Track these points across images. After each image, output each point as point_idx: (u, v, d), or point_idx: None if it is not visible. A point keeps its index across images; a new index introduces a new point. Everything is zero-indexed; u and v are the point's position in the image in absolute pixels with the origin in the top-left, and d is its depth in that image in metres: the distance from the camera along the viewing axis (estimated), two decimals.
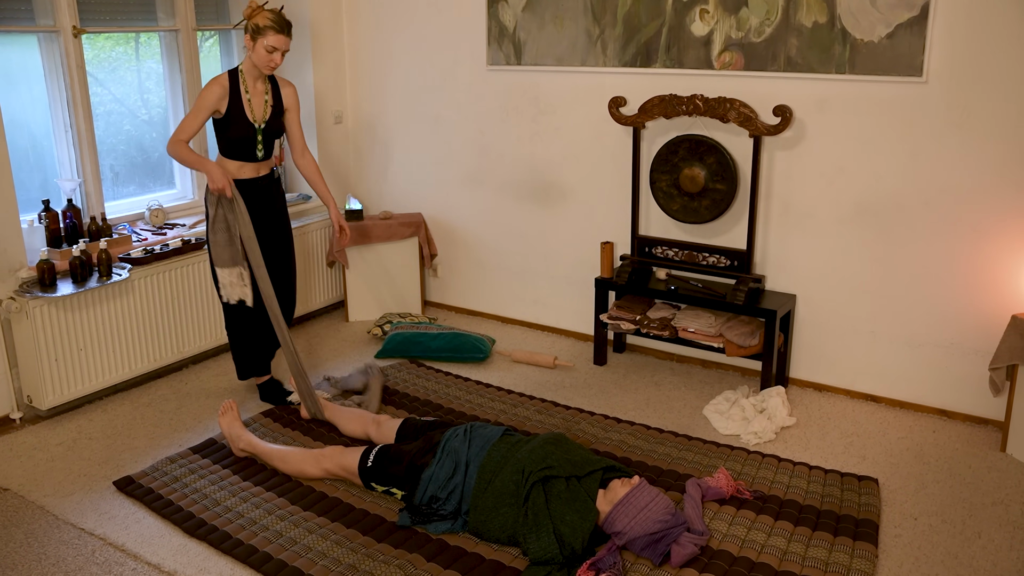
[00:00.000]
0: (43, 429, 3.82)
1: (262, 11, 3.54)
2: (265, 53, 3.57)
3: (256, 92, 3.70)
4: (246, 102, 3.66)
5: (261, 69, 3.63)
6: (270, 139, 3.78)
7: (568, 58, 4.50)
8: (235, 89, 3.64)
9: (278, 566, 2.81)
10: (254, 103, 3.68)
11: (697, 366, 4.53)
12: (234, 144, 3.69)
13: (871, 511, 3.12)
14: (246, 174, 3.75)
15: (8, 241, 3.77)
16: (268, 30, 3.53)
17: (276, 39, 3.55)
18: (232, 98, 3.63)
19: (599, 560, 2.75)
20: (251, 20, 3.55)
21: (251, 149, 3.72)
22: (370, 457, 3.21)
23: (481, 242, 5.15)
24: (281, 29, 3.55)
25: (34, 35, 4.05)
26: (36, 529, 3.07)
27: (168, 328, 4.30)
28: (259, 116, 3.70)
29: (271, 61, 3.59)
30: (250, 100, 3.67)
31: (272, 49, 3.56)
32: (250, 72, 3.67)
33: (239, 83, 3.65)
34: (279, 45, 3.57)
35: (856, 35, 3.72)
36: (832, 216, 4.00)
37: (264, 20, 3.53)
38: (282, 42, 3.57)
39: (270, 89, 3.75)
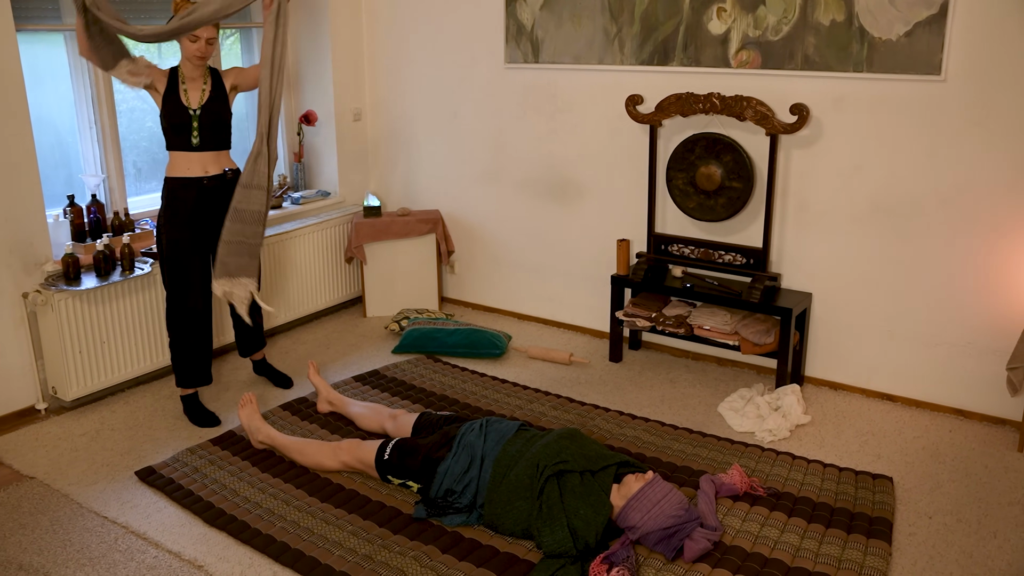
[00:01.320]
0: (67, 420, 3.89)
1: (184, 4, 3.51)
2: (190, 43, 3.53)
3: (194, 83, 3.66)
4: (182, 91, 3.63)
5: (191, 61, 3.60)
6: (209, 127, 3.68)
7: (585, 56, 4.52)
8: (173, 78, 3.64)
9: (295, 556, 2.86)
10: (190, 91, 3.65)
11: (712, 364, 4.54)
12: (170, 131, 3.65)
13: (885, 509, 3.12)
14: (192, 171, 3.67)
15: (34, 235, 3.84)
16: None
17: (200, 28, 3.47)
18: (169, 84, 3.62)
19: (612, 554, 2.77)
20: (176, 14, 3.51)
21: (186, 135, 3.64)
22: (387, 450, 3.25)
23: (498, 239, 5.18)
24: None
25: (60, 34, 4.12)
26: (61, 516, 3.14)
27: None
28: (194, 101, 3.64)
29: (198, 50, 3.55)
30: (186, 89, 3.64)
31: (196, 38, 3.51)
32: (186, 66, 3.64)
33: (178, 75, 3.65)
34: (202, 33, 3.51)
35: (874, 33, 3.72)
36: (849, 215, 4.00)
37: (184, 11, 3.44)
38: (205, 30, 3.51)
39: (210, 79, 3.71)
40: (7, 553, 2.93)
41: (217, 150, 3.73)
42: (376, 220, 5.08)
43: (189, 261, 3.72)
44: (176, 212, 3.68)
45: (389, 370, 4.39)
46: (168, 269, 3.74)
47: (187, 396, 3.91)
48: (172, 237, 3.69)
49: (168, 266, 3.73)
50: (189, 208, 3.69)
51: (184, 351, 3.82)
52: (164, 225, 3.71)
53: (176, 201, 3.68)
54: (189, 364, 3.84)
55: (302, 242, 4.96)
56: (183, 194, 3.68)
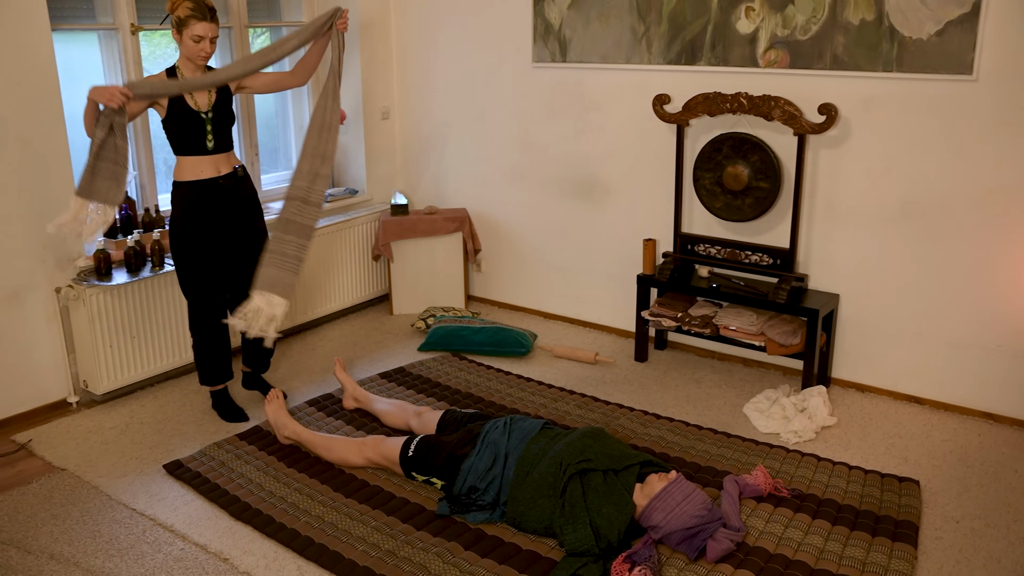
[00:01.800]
0: (98, 413, 3.95)
1: (182, 2, 3.41)
2: (193, 44, 3.44)
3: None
4: (187, 94, 3.53)
5: (194, 61, 3.50)
6: (220, 128, 3.62)
7: (613, 55, 4.52)
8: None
9: (319, 550, 2.88)
10: (195, 93, 3.55)
11: (738, 364, 4.52)
12: (183, 137, 3.55)
13: (911, 512, 3.09)
14: (205, 173, 3.60)
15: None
16: (191, 20, 3.40)
17: (200, 27, 3.42)
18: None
19: (635, 553, 2.77)
20: (174, 14, 3.45)
21: (200, 139, 3.57)
22: (411, 447, 3.27)
23: (524, 238, 5.19)
24: (204, 16, 3.42)
25: (95, 33, 4.19)
26: (91, 508, 3.19)
27: None
28: (203, 104, 3.56)
29: (201, 51, 3.46)
30: (191, 92, 3.54)
31: (198, 38, 3.43)
32: (186, 66, 3.54)
33: (177, 77, 3.53)
34: (205, 33, 3.43)
35: (904, 32, 3.69)
36: (877, 215, 3.97)
37: (185, 11, 3.40)
38: (207, 29, 3.44)
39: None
40: (39, 542, 2.98)
41: (228, 151, 3.69)
42: (403, 218, 5.11)
43: (210, 262, 3.70)
44: (194, 216, 3.61)
45: (415, 367, 4.41)
46: (191, 273, 3.69)
47: (217, 392, 3.95)
48: (192, 241, 3.63)
49: (190, 269, 3.68)
50: (207, 210, 3.63)
51: (209, 350, 3.83)
52: (182, 230, 3.64)
53: (193, 205, 3.60)
54: (214, 362, 3.86)
55: (330, 240, 5.00)
56: (200, 197, 3.61)
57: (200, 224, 3.64)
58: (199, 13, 3.42)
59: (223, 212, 3.69)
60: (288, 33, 3.46)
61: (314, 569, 2.83)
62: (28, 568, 2.84)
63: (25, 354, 3.84)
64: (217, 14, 3.51)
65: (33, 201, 3.77)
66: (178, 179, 3.63)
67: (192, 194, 3.60)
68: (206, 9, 3.44)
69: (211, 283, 3.72)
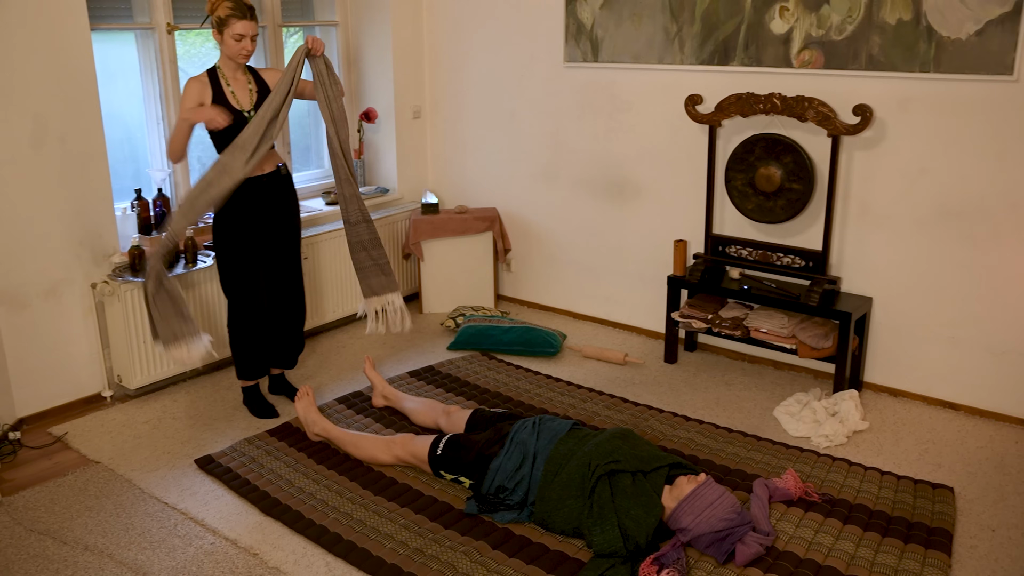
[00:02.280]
0: (131, 407, 4.00)
1: (222, 2, 3.46)
2: (234, 43, 3.49)
3: (238, 82, 3.61)
4: (229, 93, 3.57)
5: (235, 60, 3.54)
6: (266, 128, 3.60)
7: (645, 55, 4.50)
8: (215, 82, 3.57)
9: (348, 547, 2.90)
10: (237, 92, 3.59)
11: (769, 367, 4.48)
12: (227, 135, 3.55)
13: (945, 520, 3.05)
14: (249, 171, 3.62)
15: (103, 228, 3.97)
16: (231, 19, 3.45)
17: (241, 26, 3.46)
18: (214, 90, 3.56)
19: (663, 555, 2.76)
20: (214, 14, 3.49)
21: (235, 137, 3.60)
22: (440, 446, 3.28)
23: (554, 238, 5.19)
24: (243, 15, 3.46)
25: (132, 32, 4.25)
26: (124, 501, 3.23)
27: None
28: (245, 103, 3.60)
29: (242, 49, 3.50)
30: (233, 92, 3.59)
31: (240, 37, 3.47)
32: (227, 66, 3.58)
33: (219, 77, 3.57)
34: (245, 31, 3.47)
35: (943, 32, 3.63)
36: (912, 218, 3.92)
37: (225, 10, 3.44)
38: (247, 27, 3.48)
39: (252, 79, 3.66)
40: (74, 534, 3.03)
41: (270, 149, 3.71)
42: (434, 217, 5.12)
43: (251, 260, 3.73)
44: (236, 213, 3.65)
45: (444, 366, 4.42)
46: (233, 271, 3.73)
47: (248, 387, 3.99)
48: (237, 239, 3.67)
49: (233, 268, 3.72)
50: (250, 209, 3.67)
51: (247, 346, 3.87)
52: (226, 229, 3.68)
53: (236, 203, 3.64)
54: (252, 358, 3.91)
55: None
56: (243, 195, 3.64)
57: (243, 222, 3.68)
58: (239, 12, 3.46)
59: (265, 210, 3.72)
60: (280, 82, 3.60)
61: (342, 566, 2.85)
62: (64, 558, 2.89)
63: (62, 349, 3.91)
64: (256, 12, 3.55)
65: (71, 198, 3.83)
66: None
67: (236, 192, 3.63)
68: (245, 8, 3.48)
69: (252, 280, 3.76)
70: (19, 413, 3.82)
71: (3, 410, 3.70)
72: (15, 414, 3.80)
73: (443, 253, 5.21)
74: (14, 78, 3.56)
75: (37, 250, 3.76)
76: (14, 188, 3.64)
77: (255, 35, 3.53)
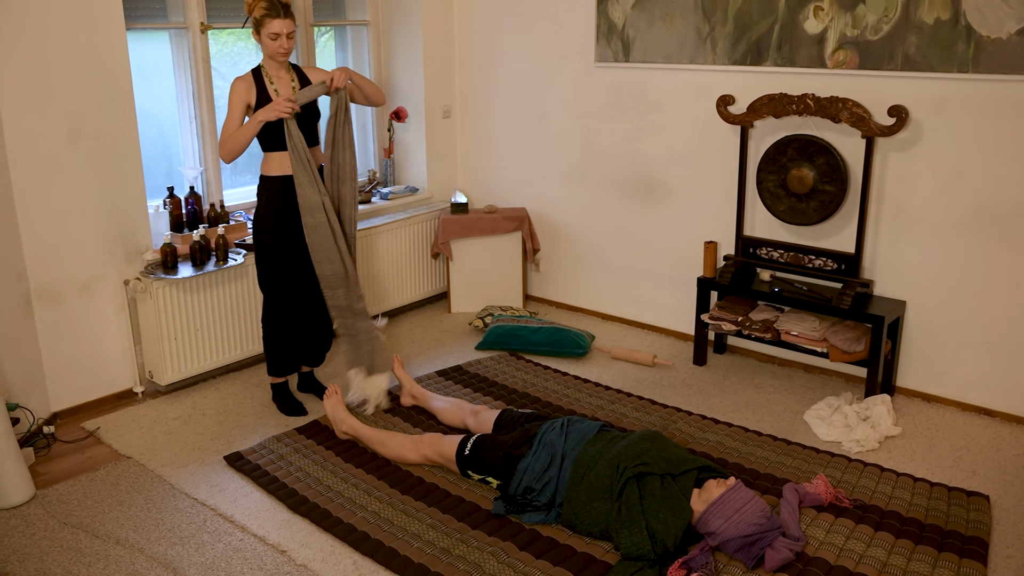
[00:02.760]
0: (162, 403, 4.04)
1: (258, 3, 3.51)
2: (271, 41, 3.54)
3: (281, 80, 3.67)
4: (272, 92, 3.63)
5: (274, 58, 3.60)
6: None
7: (677, 56, 4.47)
8: (259, 81, 3.63)
9: (375, 546, 2.90)
10: (281, 90, 3.65)
11: (799, 370, 4.44)
12: (269, 133, 3.61)
13: (980, 528, 3.00)
14: (290, 169, 3.66)
15: (136, 225, 4.01)
16: (266, 18, 3.50)
17: (276, 24, 3.51)
18: (259, 88, 3.61)
19: (691, 559, 2.74)
20: (251, 15, 3.55)
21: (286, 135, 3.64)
22: (468, 446, 3.28)
23: (583, 238, 5.17)
24: (278, 13, 3.51)
25: (166, 31, 4.29)
26: (155, 496, 3.26)
27: None
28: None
29: (279, 48, 3.55)
30: (276, 90, 3.64)
31: (275, 36, 3.53)
32: (270, 65, 3.65)
33: (262, 76, 3.64)
34: (281, 29, 3.52)
35: (982, 32, 3.57)
36: (948, 221, 3.86)
37: (260, 11, 3.50)
38: (283, 25, 3.52)
39: (296, 77, 3.72)
40: (106, 527, 3.06)
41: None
42: (463, 217, 5.13)
43: (290, 258, 3.76)
44: (278, 211, 3.68)
45: (472, 366, 4.42)
46: (269, 267, 3.76)
47: (278, 384, 4.01)
48: (274, 236, 3.70)
49: (269, 264, 3.75)
50: (290, 206, 3.69)
51: (280, 344, 3.90)
52: (265, 225, 3.72)
53: (277, 200, 3.68)
54: (283, 355, 3.93)
55: (390, 237, 5.03)
56: (283, 192, 3.68)
57: (282, 219, 3.70)
58: (273, 11, 3.51)
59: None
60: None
61: (369, 564, 2.85)
62: (96, 552, 2.92)
63: (95, 344, 3.95)
64: (291, 10, 3.58)
65: (105, 195, 3.87)
66: (264, 174, 3.71)
67: (277, 189, 3.68)
68: (279, 7, 3.53)
69: (287, 278, 3.79)
70: (53, 407, 3.87)
71: (38, 404, 3.75)
72: (49, 408, 3.85)
73: (472, 253, 5.21)
74: (51, 77, 3.61)
75: (72, 247, 3.80)
76: (50, 185, 3.69)
77: (291, 33, 3.57)
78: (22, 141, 3.57)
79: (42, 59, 3.57)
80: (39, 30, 3.54)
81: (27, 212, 3.64)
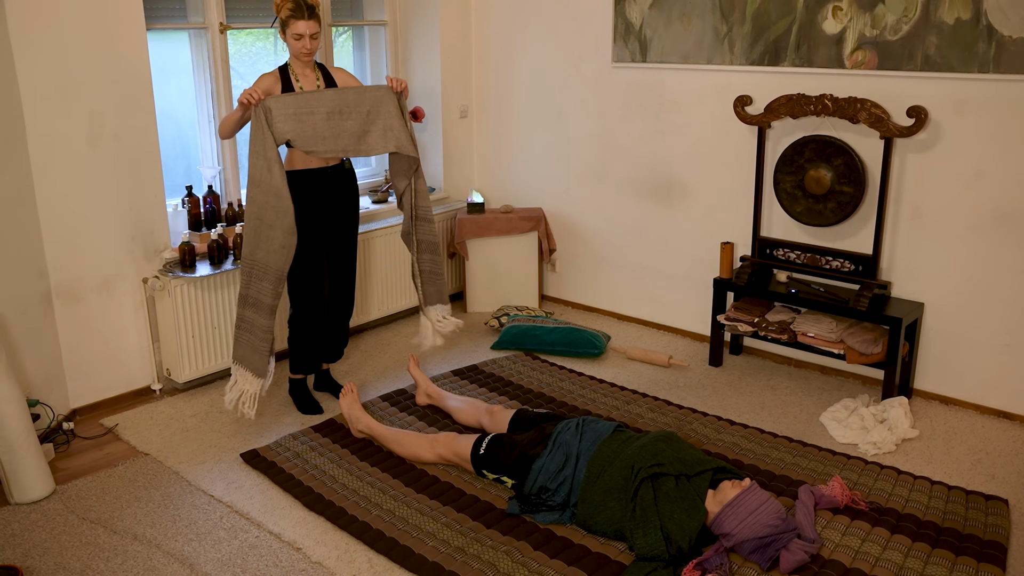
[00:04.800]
0: (179, 401, 4.07)
1: (284, 3, 3.59)
2: (295, 42, 3.61)
3: (307, 78, 3.72)
4: (298, 89, 3.67)
5: (299, 58, 3.66)
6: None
7: (694, 56, 4.46)
8: (286, 78, 3.68)
9: (390, 544, 2.92)
10: (306, 88, 3.69)
11: (815, 372, 4.41)
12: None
13: (999, 533, 2.97)
14: (313, 163, 3.72)
15: (155, 224, 4.04)
16: (291, 19, 3.57)
17: (300, 25, 3.58)
18: (284, 86, 3.66)
19: (706, 560, 2.73)
20: (279, 15, 3.62)
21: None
22: (483, 445, 3.28)
23: (600, 238, 5.16)
24: (303, 14, 3.57)
25: (185, 31, 4.32)
26: (172, 493, 3.29)
27: None
28: None
29: (303, 48, 3.62)
30: (302, 88, 3.68)
31: (299, 36, 3.59)
32: (296, 64, 3.70)
33: (289, 73, 3.69)
34: (304, 30, 3.58)
35: (1004, 31, 3.54)
36: (967, 222, 3.83)
37: (286, 11, 3.57)
38: (307, 27, 3.59)
39: (321, 76, 3.78)
40: (124, 523, 3.09)
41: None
42: (479, 216, 5.13)
43: (317, 251, 3.79)
44: (303, 204, 3.68)
45: (487, 366, 4.43)
46: (301, 261, 3.75)
47: (297, 380, 4.04)
48: (301, 231, 3.67)
49: (301, 258, 3.74)
50: (314, 199, 3.73)
51: (308, 340, 3.92)
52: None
53: (301, 194, 3.68)
54: (307, 352, 3.96)
55: None
56: (309, 186, 3.71)
57: (308, 213, 3.72)
58: (298, 12, 3.58)
59: (328, 203, 3.80)
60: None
61: (384, 562, 2.86)
62: (114, 547, 2.95)
63: (114, 342, 3.98)
64: (317, 12, 3.64)
65: (124, 194, 3.90)
66: (288, 169, 3.72)
67: (300, 183, 3.70)
68: (304, 8, 3.59)
69: (318, 272, 3.83)
70: (72, 404, 3.90)
71: (58, 401, 3.79)
72: (69, 405, 3.89)
73: (488, 252, 5.22)
74: (72, 77, 3.64)
75: (91, 245, 3.84)
76: (71, 184, 3.72)
77: (315, 34, 3.63)
78: (44, 141, 3.61)
79: (64, 59, 3.61)
80: (61, 31, 3.58)
81: (48, 211, 3.67)
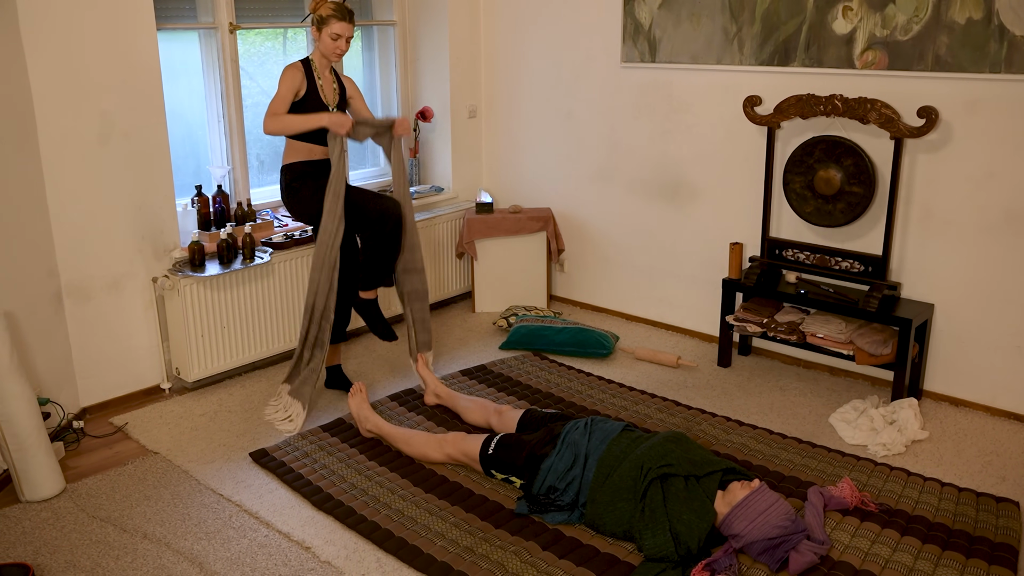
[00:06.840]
0: (189, 400, 4.08)
1: (325, 2, 3.72)
2: (331, 41, 3.73)
3: (325, 79, 3.85)
4: (319, 87, 3.81)
5: (329, 57, 3.79)
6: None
7: (703, 56, 4.45)
8: (310, 74, 3.79)
9: (398, 544, 2.92)
10: (325, 88, 3.84)
11: (824, 373, 4.40)
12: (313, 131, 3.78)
13: (1010, 535, 2.96)
14: (316, 155, 3.84)
15: (165, 223, 4.05)
16: (331, 19, 3.69)
17: (339, 26, 3.70)
18: (308, 82, 3.77)
19: (715, 561, 2.73)
20: (315, 12, 3.72)
21: (322, 131, 3.78)
22: (491, 445, 3.28)
23: (608, 239, 5.16)
24: (343, 17, 3.71)
25: (195, 31, 4.33)
26: (181, 491, 3.30)
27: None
28: (331, 100, 3.85)
29: (337, 48, 3.75)
30: (322, 86, 3.82)
31: (336, 36, 3.72)
32: (319, 61, 3.82)
33: (312, 70, 3.80)
34: (343, 32, 3.72)
35: (1016, 31, 3.53)
36: (978, 223, 3.81)
37: (327, 10, 3.70)
38: (345, 29, 3.72)
39: (335, 79, 3.91)
40: (134, 522, 3.10)
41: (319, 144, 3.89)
42: (488, 216, 5.13)
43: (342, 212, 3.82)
44: (310, 177, 3.81)
45: (496, 366, 4.43)
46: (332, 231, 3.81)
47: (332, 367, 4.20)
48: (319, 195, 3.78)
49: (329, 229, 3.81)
50: (320, 175, 3.83)
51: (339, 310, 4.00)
52: (304, 189, 3.82)
53: (309, 176, 3.81)
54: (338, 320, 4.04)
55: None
56: (314, 171, 3.82)
57: (317, 183, 3.81)
58: (339, 14, 3.72)
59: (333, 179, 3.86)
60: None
61: (393, 562, 2.87)
62: (124, 545, 2.96)
63: (124, 341, 4.00)
64: (354, 18, 3.76)
65: (134, 193, 3.92)
66: (290, 160, 3.84)
67: (307, 169, 3.83)
68: (346, 11, 3.73)
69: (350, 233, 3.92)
70: (83, 403, 3.92)
71: (68, 399, 3.80)
72: (79, 403, 3.90)
73: (496, 252, 5.22)
74: (83, 76, 3.65)
75: (101, 244, 3.85)
76: (81, 184, 3.73)
77: (350, 37, 3.77)
78: (55, 140, 3.62)
79: (75, 59, 3.62)
80: (72, 31, 3.59)
81: (58, 210, 3.69)
